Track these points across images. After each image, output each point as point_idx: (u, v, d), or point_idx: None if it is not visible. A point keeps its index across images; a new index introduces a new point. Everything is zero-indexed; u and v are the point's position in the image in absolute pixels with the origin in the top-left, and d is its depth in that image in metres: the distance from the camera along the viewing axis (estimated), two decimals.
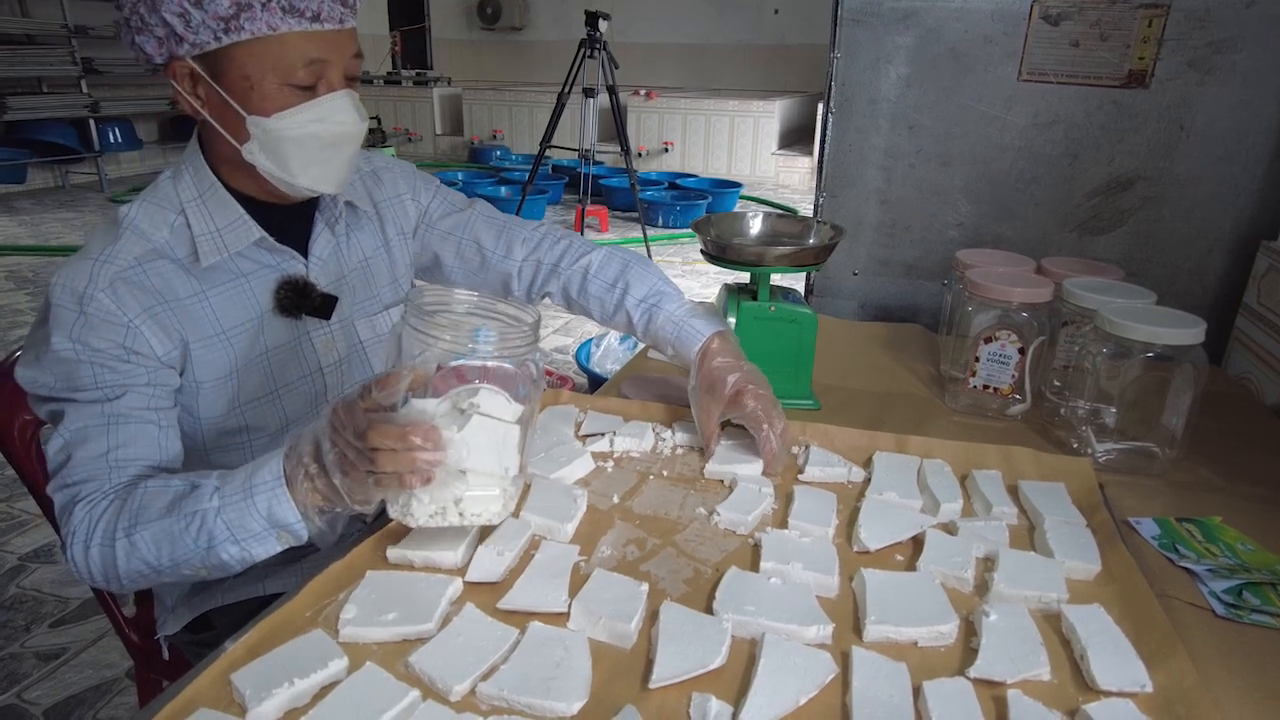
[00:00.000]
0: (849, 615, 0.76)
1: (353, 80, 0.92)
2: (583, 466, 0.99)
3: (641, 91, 7.97)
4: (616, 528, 0.89)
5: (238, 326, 0.95)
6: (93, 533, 0.81)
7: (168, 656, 1.10)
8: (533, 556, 0.82)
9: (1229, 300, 1.46)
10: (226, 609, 1.02)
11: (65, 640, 1.85)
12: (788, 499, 0.94)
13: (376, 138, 7.61)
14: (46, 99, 6.10)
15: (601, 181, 6.34)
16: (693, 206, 6.04)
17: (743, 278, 1.22)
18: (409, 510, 0.76)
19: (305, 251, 1.01)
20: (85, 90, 6.27)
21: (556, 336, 3.83)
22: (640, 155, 7.70)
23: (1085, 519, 0.90)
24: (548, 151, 4.91)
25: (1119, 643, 0.70)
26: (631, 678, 0.67)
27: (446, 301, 0.82)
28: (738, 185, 6.88)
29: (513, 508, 0.82)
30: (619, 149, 4.78)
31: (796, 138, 8.18)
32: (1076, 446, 1.09)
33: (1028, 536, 0.90)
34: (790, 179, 7.63)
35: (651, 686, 0.65)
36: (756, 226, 1.29)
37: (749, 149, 7.76)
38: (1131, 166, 1.48)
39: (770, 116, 7.61)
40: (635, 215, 5.14)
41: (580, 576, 0.79)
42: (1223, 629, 0.77)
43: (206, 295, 0.92)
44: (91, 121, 6.36)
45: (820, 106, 2.73)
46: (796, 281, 1.50)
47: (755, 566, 0.82)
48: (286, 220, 0.99)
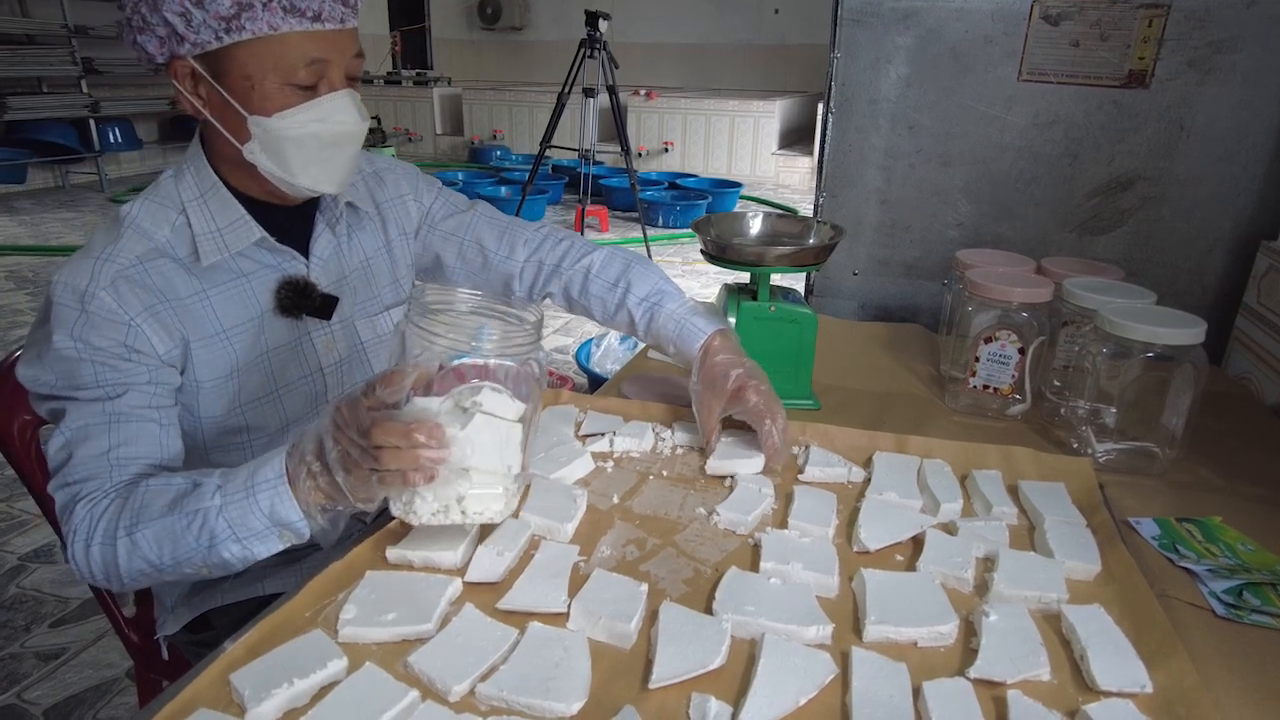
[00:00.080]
0: (849, 615, 0.76)
1: (354, 80, 0.93)
2: (583, 466, 0.99)
3: (641, 91, 7.97)
4: (616, 528, 0.89)
5: (238, 326, 0.95)
6: (94, 531, 0.80)
7: (167, 656, 1.10)
8: (532, 556, 0.82)
9: (1229, 300, 1.46)
10: (226, 609, 1.02)
11: (65, 640, 1.85)
12: (788, 499, 0.94)
13: (376, 138, 7.60)
14: (46, 99, 6.10)
15: (601, 181, 6.34)
16: (693, 206, 6.04)
17: (743, 278, 1.22)
18: (412, 508, 0.76)
19: (306, 252, 1.01)
20: (85, 90, 6.28)
21: (557, 336, 3.83)
22: (640, 155, 7.70)
23: (1085, 519, 0.90)
24: (548, 151, 4.91)
25: (1119, 643, 0.70)
26: (631, 678, 0.67)
27: (450, 300, 0.82)
28: (738, 185, 6.88)
29: (515, 506, 0.82)
30: (619, 149, 4.78)
31: (796, 138, 8.18)
32: (1076, 446, 1.09)
33: (1028, 536, 0.90)
34: (790, 179, 7.63)
35: (651, 687, 0.65)
36: (756, 226, 1.29)
37: (749, 149, 7.76)
38: (1131, 166, 1.48)
39: (770, 116, 7.61)
40: (635, 215, 5.14)
41: (580, 577, 0.79)
42: (1223, 629, 0.77)
43: (207, 294, 0.92)
44: (91, 121, 6.36)
45: (820, 106, 2.73)
46: (796, 281, 1.50)
47: (755, 566, 0.82)
48: (288, 220, 0.99)
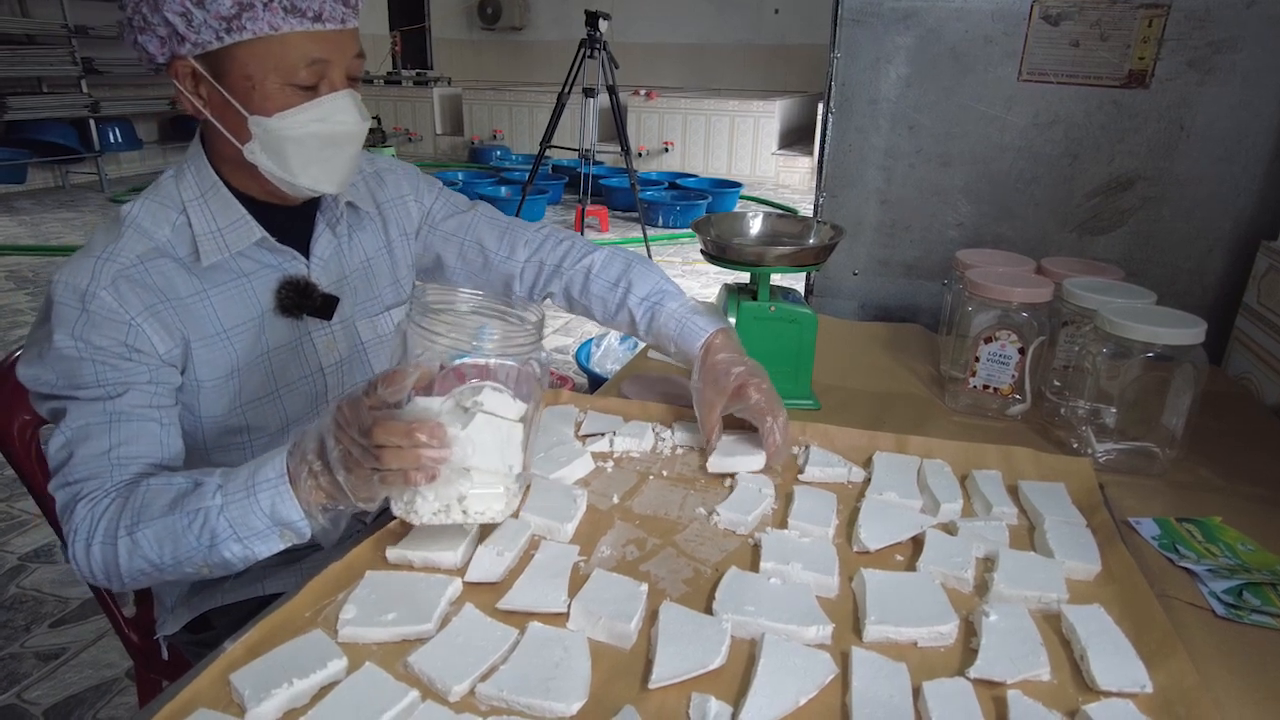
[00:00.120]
0: (849, 615, 0.76)
1: (354, 80, 0.93)
2: (583, 466, 0.99)
3: (641, 91, 7.97)
4: (616, 528, 0.89)
5: (239, 326, 0.95)
6: (94, 531, 0.80)
7: (167, 656, 1.10)
8: (532, 556, 0.82)
9: (1229, 300, 1.46)
10: (226, 609, 1.02)
11: (65, 640, 1.85)
12: (788, 499, 0.94)
13: (376, 138, 7.61)
14: (46, 99, 6.10)
15: (601, 181, 6.34)
16: (693, 206, 6.04)
17: (743, 278, 1.22)
18: (413, 508, 0.76)
19: (307, 252, 1.01)
20: (85, 90, 6.28)
21: (557, 336, 3.83)
22: (640, 155, 7.70)
23: (1085, 519, 0.90)
24: (548, 151, 4.91)
25: (1119, 643, 0.70)
26: (631, 678, 0.67)
27: (451, 300, 0.82)
28: (738, 185, 6.88)
29: (516, 505, 0.82)
30: (619, 149, 4.78)
31: (796, 138, 8.18)
32: (1076, 446, 1.09)
33: (1028, 536, 0.90)
34: (790, 179, 7.63)
35: (651, 687, 0.65)
36: (756, 226, 1.29)
37: (749, 149, 7.76)
38: (1131, 166, 1.48)
39: (770, 116, 7.61)
40: (635, 215, 5.14)
41: (580, 576, 0.79)
42: (1223, 629, 0.77)
43: (208, 294, 0.92)
44: (91, 121, 6.36)
45: (820, 106, 2.73)
46: (796, 281, 1.50)
47: (755, 566, 0.82)
48: (288, 220, 0.99)
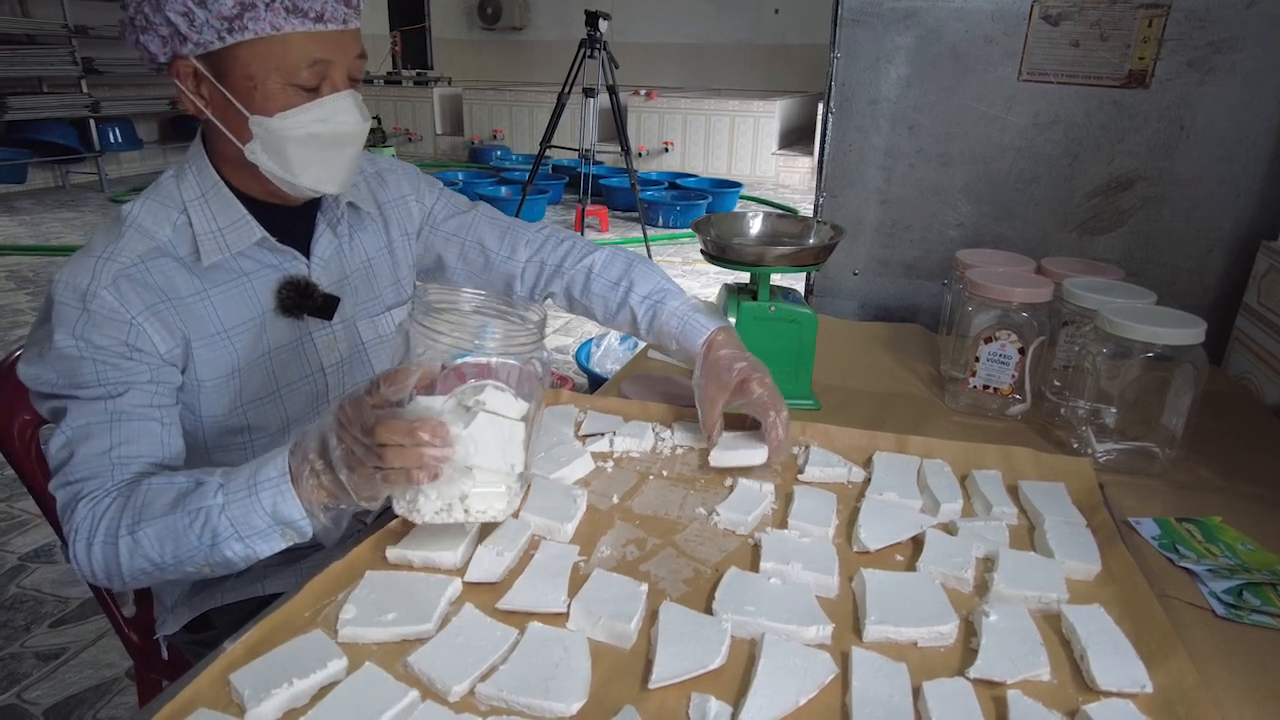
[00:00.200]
0: (849, 615, 0.76)
1: (356, 81, 0.93)
2: (582, 466, 0.99)
3: (641, 91, 7.97)
4: (616, 528, 0.89)
5: (239, 326, 0.95)
6: (95, 530, 0.80)
7: (167, 656, 1.10)
8: (532, 556, 0.82)
9: (1229, 300, 1.46)
10: (226, 609, 1.02)
11: (65, 640, 1.85)
12: (788, 499, 0.94)
13: (376, 138, 7.61)
14: (47, 99, 6.10)
15: (601, 181, 6.34)
16: (693, 206, 6.04)
17: (743, 278, 1.22)
18: (415, 506, 0.76)
19: (307, 252, 1.01)
20: (85, 90, 6.28)
21: (557, 336, 3.83)
22: (640, 155, 7.70)
23: (1085, 519, 0.90)
24: (548, 151, 4.91)
25: (1119, 643, 0.70)
26: (631, 678, 0.67)
27: (454, 299, 0.82)
28: (738, 185, 6.88)
29: (517, 504, 0.82)
30: (619, 149, 4.78)
31: (796, 138, 8.18)
32: (1076, 446, 1.09)
33: (1028, 536, 0.90)
34: (790, 179, 7.63)
35: (651, 687, 0.65)
36: (756, 226, 1.29)
37: (749, 149, 7.76)
38: (1131, 166, 1.48)
39: (770, 116, 7.61)
40: (635, 215, 5.14)
41: (580, 576, 0.79)
42: (1223, 629, 0.76)
43: (208, 294, 0.92)
44: (92, 121, 6.36)
45: (820, 106, 2.73)
46: (796, 281, 1.50)
47: (755, 567, 0.82)
48: (289, 221, 0.99)
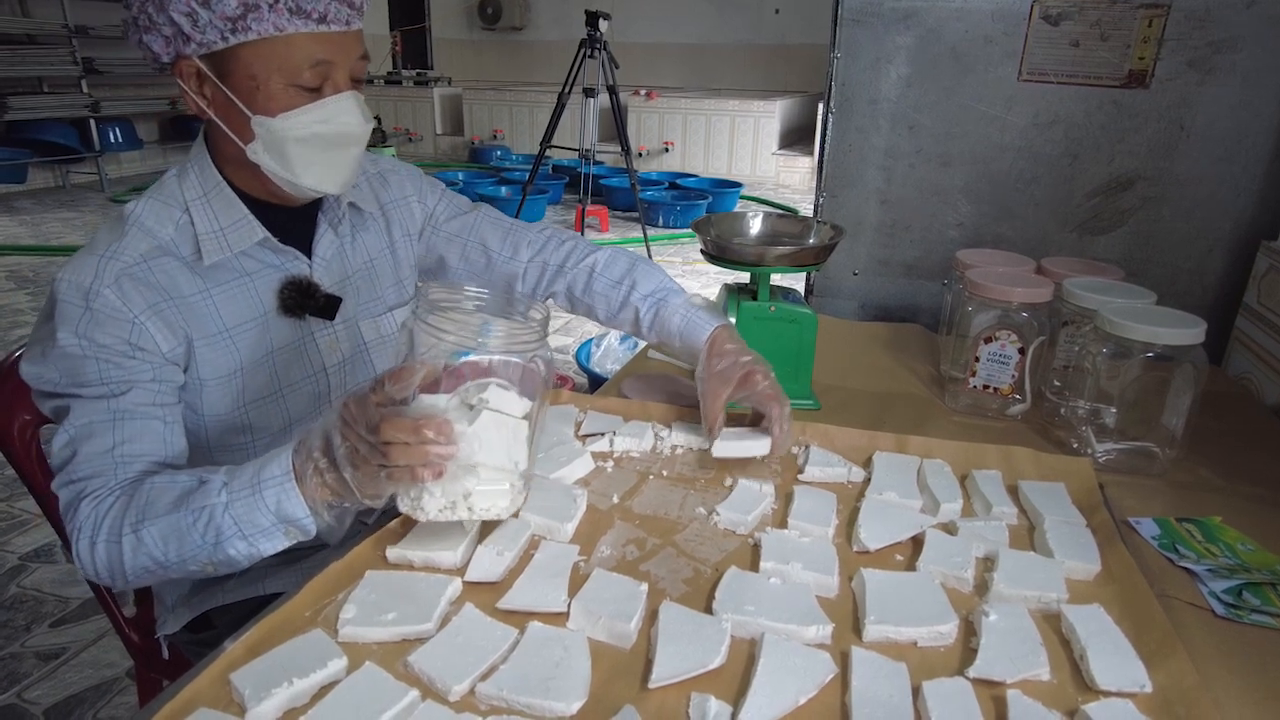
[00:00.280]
0: (849, 615, 0.76)
1: (358, 82, 0.93)
2: (583, 466, 0.99)
3: (642, 91, 7.97)
4: (616, 528, 0.89)
5: (241, 325, 0.95)
6: (99, 529, 0.80)
7: (167, 656, 1.10)
8: (532, 556, 0.82)
9: (1229, 300, 1.46)
10: (226, 608, 1.02)
11: (65, 640, 1.85)
12: (788, 499, 0.94)
13: (377, 138, 7.59)
14: (47, 99, 6.10)
15: (602, 181, 6.34)
16: (693, 206, 6.03)
17: (743, 278, 1.22)
18: (419, 504, 0.77)
19: (309, 252, 1.01)
20: (86, 90, 6.27)
21: (557, 336, 3.82)
22: (640, 155, 7.70)
23: (1085, 519, 0.90)
24: (548, 151, 4.91)
25: (1119, 643, 0.70)
26: (631, 678, 0.67)
27: (457, 298, 0.82)
28: (738, 185, 6.87)
29: (520, 502, 0.83)
30: (619, 149, 4.78)
31: (796, 138, 8.18)
32: (1076, 446, 1.09)
33: (1028, 536, 0.90)
34: (790, 179, 7.63)
35: (651, 686, 0.65)
36: (756, 226, 1.29)
37: (749, 149, 7.76)
38: (1131, 166, 1.48)
39: (770, 116, 7.61)
40: (635, 215, 5.14)
41: (580, 576, 0.79)
42: (1223, 629, 0.77)
43: (210, 294, 0.92)
44: (92, 121, 6.36)
45: (820, 106, 2.73)
46: (796, 281, 1.50)
47: (755, 566, 0.82)
48: (291, 221, 0.99)
